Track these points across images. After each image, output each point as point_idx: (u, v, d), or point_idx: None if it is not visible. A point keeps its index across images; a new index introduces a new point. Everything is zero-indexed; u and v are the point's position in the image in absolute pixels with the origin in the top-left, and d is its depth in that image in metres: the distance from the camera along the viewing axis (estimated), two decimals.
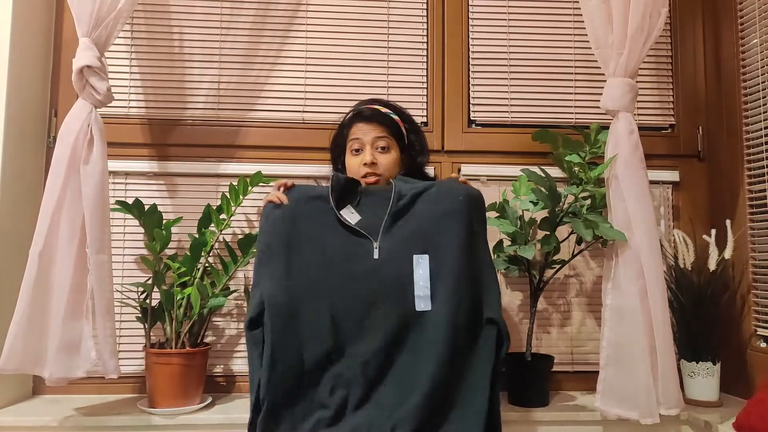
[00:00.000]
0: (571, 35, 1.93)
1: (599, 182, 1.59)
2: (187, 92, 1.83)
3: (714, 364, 1.63)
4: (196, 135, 1.82)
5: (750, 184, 1.74)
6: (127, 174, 1.79)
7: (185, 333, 1.57)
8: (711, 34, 1.92)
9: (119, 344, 1.62)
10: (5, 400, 1.58)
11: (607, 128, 1.58)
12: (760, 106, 1.70)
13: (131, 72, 1.82)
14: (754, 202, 1.72)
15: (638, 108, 1.89)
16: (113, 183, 1.76)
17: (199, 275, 1.62)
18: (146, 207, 1.61)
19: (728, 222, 1.69)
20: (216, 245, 1.68)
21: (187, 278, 1.60)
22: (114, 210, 1.60)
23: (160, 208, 1.64)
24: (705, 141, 1.91)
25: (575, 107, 1.91)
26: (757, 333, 1.68)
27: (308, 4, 1.89)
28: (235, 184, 1.67)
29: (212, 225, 1.66)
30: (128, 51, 1.83)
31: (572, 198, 1.61)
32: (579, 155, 1.62)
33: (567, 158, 1.63)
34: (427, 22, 1.91)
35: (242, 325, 1.77)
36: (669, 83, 1.95)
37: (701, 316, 1.65)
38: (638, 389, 1.43)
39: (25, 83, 1.67)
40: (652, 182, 1.70)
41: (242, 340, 1.77)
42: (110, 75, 1.55)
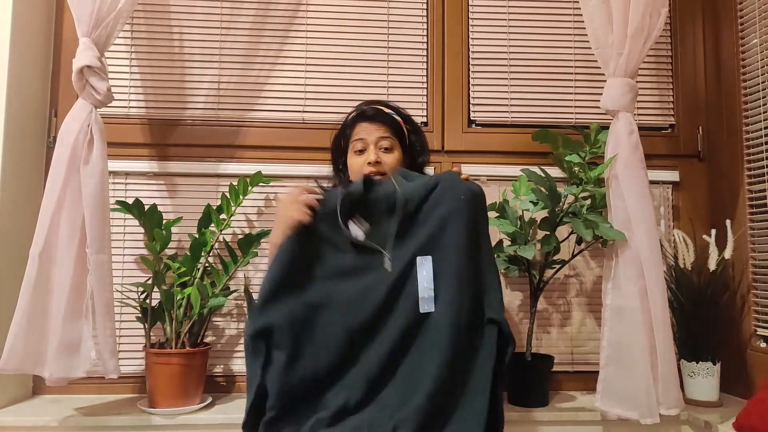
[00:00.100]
0: (571, 35, 1.93)
1: (599, 182, 1.59)
2: (187, 92, 1.83)
3: (714, 364, 1.63)
4: (196, 135, 1.82)
5: (750, 184, 1.74)
6: (127, 174, 1.80)
7: (185, 333, 1.57)
8: (711, 34, 1.92)
9: (119, 344, 1.62)
10: (5, 400, 1.58)
11: (607, 128, 1.58)
12: (760, 106, 1.70)
13: (131, 72, 1.82)
14: (754, 202, 1.72)
15: (638, 108, 1.89)
16: (113, 183, 1.76)
17: (199, 275, 1.62)
18: (146, 207, 1.61)
19: (728, 222, 1.69)
20: (216, 245, 1.68)
21: (187, 278, 1.61)
22: (114, 210, 1.60)
23: (160, 208, 1.64)
24: (705, 141, 1.91)
25: (575, 107, 1.91)
26: (757, 333, 1.68)
27: (308, 4, 1.89)
28: (235, 184, 1.68)
29: (212, 225, 1.66)
30: (128, 51, 1.83)
31: (572, 198, 1.61)
32: (579, 155, 1.62)
33: (567, 158, 1.63)
34: (427, 22, 1.91)
35: (242, 325, 1.78)
36: (669, 83, 1.95)
37: (701, 316, 1.65)
38: (638, 389, 1.43)
39: (25, 83, 1.67)
40: (652, 182, 1.70)
41: (242, 340, 1.77)
42: (110, 75, 1.55)
